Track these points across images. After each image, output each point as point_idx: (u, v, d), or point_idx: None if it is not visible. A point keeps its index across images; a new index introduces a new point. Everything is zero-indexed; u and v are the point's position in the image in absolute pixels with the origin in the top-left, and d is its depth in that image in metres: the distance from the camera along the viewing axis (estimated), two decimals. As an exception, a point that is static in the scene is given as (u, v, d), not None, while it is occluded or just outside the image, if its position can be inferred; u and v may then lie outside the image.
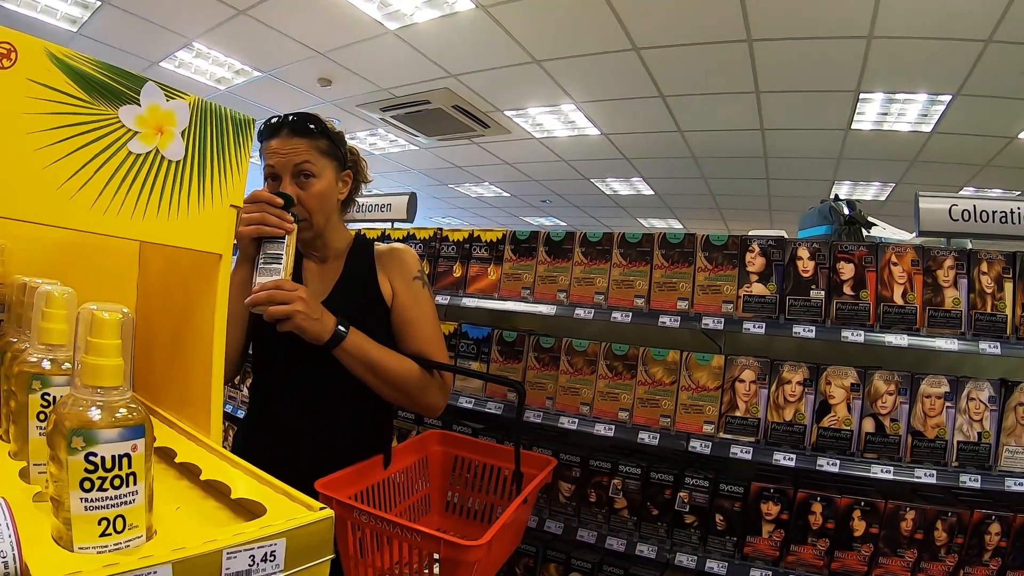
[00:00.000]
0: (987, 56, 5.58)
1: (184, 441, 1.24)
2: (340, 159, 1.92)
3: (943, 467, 2.39)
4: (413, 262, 2.03)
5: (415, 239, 3.38)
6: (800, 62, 6.02)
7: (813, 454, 2.46)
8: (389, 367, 1.81)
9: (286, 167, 1.80)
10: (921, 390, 2.45)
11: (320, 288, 1.95)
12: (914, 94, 6.53)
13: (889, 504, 2.41)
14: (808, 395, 2.52)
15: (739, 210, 12.02)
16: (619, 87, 7.03)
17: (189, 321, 1.37)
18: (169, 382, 1.44)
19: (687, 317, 2.62)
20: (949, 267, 2.49)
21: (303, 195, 1.81)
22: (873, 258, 2.54)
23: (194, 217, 1.18)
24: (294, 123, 1.82)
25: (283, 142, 1.80)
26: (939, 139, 7.52)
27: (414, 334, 1.95)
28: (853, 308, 2.51)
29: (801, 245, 2.60)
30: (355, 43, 6.56)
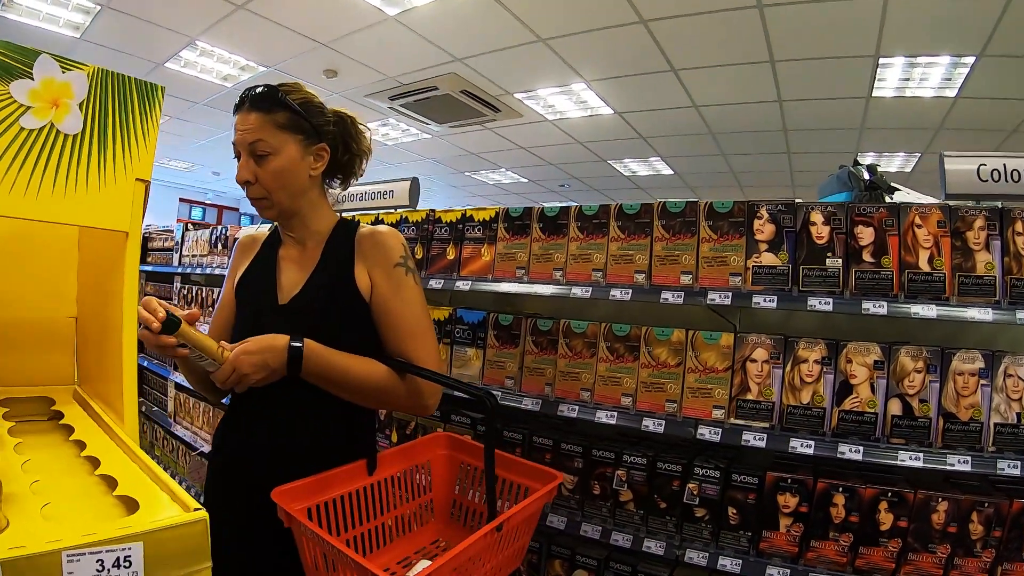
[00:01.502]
0: (1011, 12, 5.30)
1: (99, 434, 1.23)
2: (308, 131, 1.78)
3: (978, 452, 2.15)
4: (395, 246, 1.83)
5: (407, 222, 3.22)
6: (814, 27, 5.79)
7: (834, 440, 2.24)
8: (351, 380, 1.70)
9: (243, 145, 1.73)
10: (953, 367, 2.21)
11: (296, 277, 1.83)
12: (936, 56, 6.28)
13: (919, 494, 2.17)
14: (827, 375, 2.30)
15: (762, 187, 11.83)
16: (628, 63, 6.86)
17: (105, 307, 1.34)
18: (99, 373, 1.46)
19: (692, 292, 2.42)
20: (980, 228, 2.23)
21: (259, 173, 1.73)
22: (895, 221, 2.30)
23: (95, 194, 1.14)
24: (252, 97, 1.74)
25: (242, 118, 1.73)
26: (964, 104, 7.26)
27: (394, 330, 1.78)
28: (874, 277, 2.28)
29: (814, 209, 2.38)
30: (356, 31, 6.47)
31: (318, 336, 1.67)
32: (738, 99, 7.63)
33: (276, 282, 1.85)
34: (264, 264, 1.91)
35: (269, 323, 1.70)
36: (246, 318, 1.84)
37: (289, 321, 1.71)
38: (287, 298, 1.79)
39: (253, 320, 1.77)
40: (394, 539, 1.81)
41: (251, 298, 1.87)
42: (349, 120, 1.92)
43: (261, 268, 1.90)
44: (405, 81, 7.61)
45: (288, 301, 1.78)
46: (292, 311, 1.76)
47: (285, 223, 1.88)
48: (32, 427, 1.35)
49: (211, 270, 4.54)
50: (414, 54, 6.89)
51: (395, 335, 1.77)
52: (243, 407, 1.81)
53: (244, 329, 1.74)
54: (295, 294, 1.78)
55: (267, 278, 1.86)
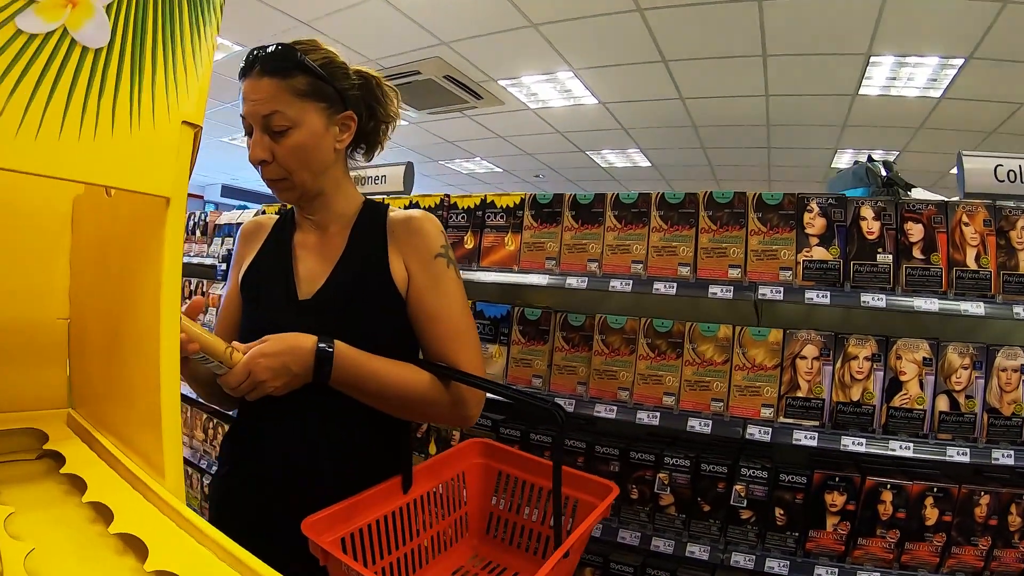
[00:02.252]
0: (1004, 17, 5.37)
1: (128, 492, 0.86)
2: (332, 98, 1.53)
3: (1020, 447, 2.18)
4: (436, 234, 1.61)
5: (418, 207, 3.05)
6: (811, 23, 5.77)
7: (884, 437, 2.22)
8: (388, 389, 1.48)
9: (255, 118, 1.46)
10: (997, 363, 2.23)
11: (318, 268, 1.59)
12: (925, 57, 6.32)
13: (963, 489, 2.19)
14: (877, 372, 2.27)
15: (737, 181, 11.88)
16: (620, 52, 6.76)
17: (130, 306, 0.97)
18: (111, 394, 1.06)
19: (741, 287, 2.34)
20: (1022, 228, 2.26)
21: (276, 150, 1.48)
22: (943, 217, 2.29)
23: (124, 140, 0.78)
24: (264, 58, 1.47)
25: (252, 85, 1.46)
26: (947, 105, 7.34)
27: (435, 331, 1.55)
28: (924, 273, 2.26)
29: (865, 204, 2.34)
30: (340, 11, 6.25)
31: (346, 336, 1.44)
32: (726, 92, 7.59)
33: (294, 274, 1.60)
34: (276, 253, 1.66)
35: (288, 322, 1.44)
36: (258, 317, 1.58)
37: (313, 319, 1.47)
38: (309, 292, 1.55)
39: (268, 319, 1.51)
40: (429, 560, 1.60)
41: (263, 293, 1.61)
42: (374, 81, 1.66)
43: (273, 258, 1.66)
44: (387, 64, 7.40)
45: (312, 296, 1.54)
46: (316, 307, 1.53)
47: (306, 205, 1.62)
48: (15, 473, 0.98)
49: (187, 259, 4.29)
50: (399, 36, 6.70)
51: (435, 335, 1.55)
52: (255, 419, 1.58)
53: (256, 330, 1.43)
54: (319, 287, 1.54)
55: (282, 269, 1.61)
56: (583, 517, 1.53)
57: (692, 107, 8.18)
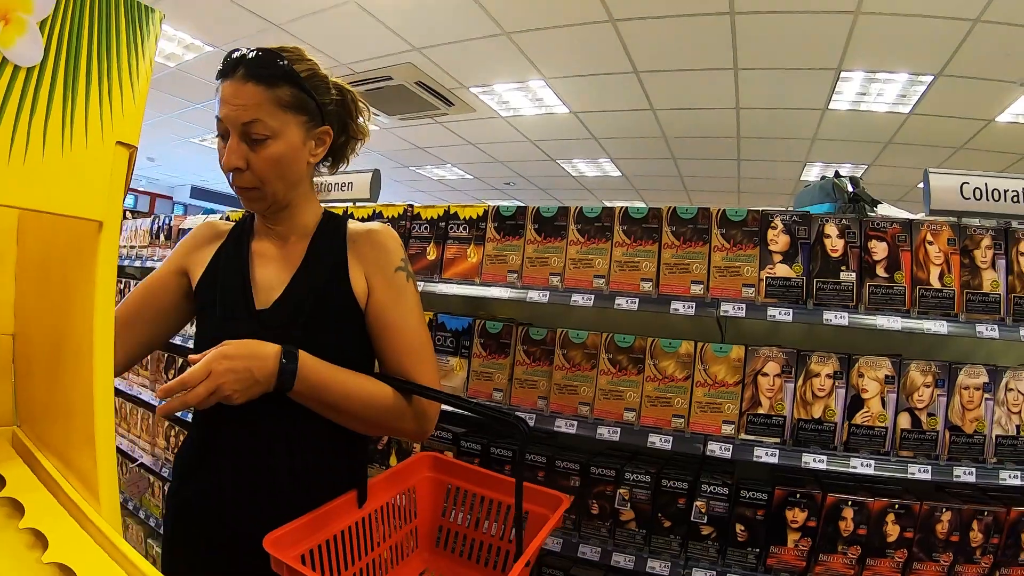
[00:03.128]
0: (974, 36, 5.46)
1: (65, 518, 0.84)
2: (313, 112, 1.51)
3: (982, 464, 2.20)
4: (396, 248, 1.63)
5: (382, 217, 3.03)
6: (783, 37, 5.83)
7: (845, 454, 2.23)
8: (351, 401, 1.46)
9: (233, 124, 1.42)
10: (959, 381, 2.24)
11: (276, 277, 1.56)
12: (895, 73, 6.41)
13: (924, 505, 2.20)
14: (839, 389, 2.26)
15: (707, 192, 12.00)
16: (592, 62, 6.77)
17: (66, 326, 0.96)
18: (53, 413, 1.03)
19: (703, 303, 2.33)
20: (987, 247, 2.29)
21: (252, 159, 1.44)
22: (907, 236, 2.30)
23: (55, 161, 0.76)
24: (250, 62, 1.42)
25: (235, 89, 1.41)
26: (916, 120, 7.45)
27: (394, 345, 1.56)
28: (888, 292, 2.26)
29: (829, 221, 2.33)
30: (314, 13, 6.19)
31: (305, 348, 1.41)
32: (697, 104, 7.64)
33: (250, 282, 1.56)
34: (233, 261, 1.61)
35: (245, 332, 1.40)
36: (213, 326, 1.54)
37: (269, 329, 1.46)
38: (267, 302, 1.52)
39: (224, 328, 1.47)
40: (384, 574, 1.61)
41: (218, 302, 1.56)
42: (350, 96, 1.65)
43: (229, 266, 1.61)
44: (359, 69, 7.36)
45: (270, 306, 1.52)
46: (274, 317, 1.50)
47: (272, 216, 1.60)
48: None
49: (151, 263, 4.20)
50: (372, 41, 6.65)
51: (394, 349, 1.55)
52: (211, 429, 1.53)
53: (213, 339, 1.37)
54: (277, 297, 1.52)
55: (239, 278, 1.57)
56: (535, 529, 1.55)
57: (663, 118, 8.21)
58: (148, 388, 3.95)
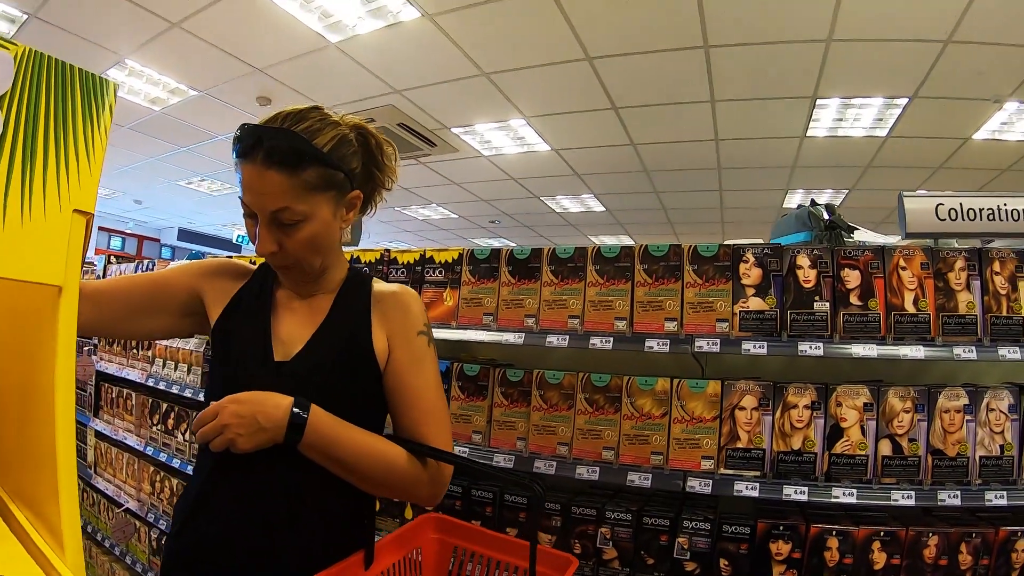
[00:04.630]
0: (945, 57, 5.56)
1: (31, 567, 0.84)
2: (342, 183, 1.46)
3: (967, 486, 2.19)
4: (419, 311, 1.61)
5: (360, 262, 3.04)
6: (758, 69, 5.92)
7: (827, 485, 2.20)
8: (364, 461, 1.41)
9: (261, 211, 1.37)
10: (939, 404, 2.23)
11: (297, 331, 1.54)
12: (870, 98, 6.51)
13: (910, 531, 2.18)
14: (817, 419, 2.25)
15: (691, 223, 12.11)
16: (570, 100, 6.84)
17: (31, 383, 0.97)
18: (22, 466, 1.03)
19: (678, 340, 2.32)
20: (960, 269, 2.29)
21: (286, 242, 1.40)
22: (880, 263, 2.30)
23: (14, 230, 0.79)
24: (271, 148, 1.33)
25: (256, 174, 1.34)
26: (894, 143, 7.55)
27: (411, 408, 1.52)
28: (862, 319, 2.26)
29: (800, 252, 2.34)
30: (295, 58, 6.27)
31: (321, 403, 1.38)
32: (676, 138, 7.72)
33: (270, 333, 1.54)
34: (254, 308, 1.58)
35: (262, 383, 1.38)
36: (229, 375, 1.49)
37: (288, 383, 1.42)
38: (287, 355, 1.49)
39: (240, 378, 1.44)
40: None
41: (235, 351, 1.53)
42: (373, 143, 1.58)
43: (250, 313, 1.58)
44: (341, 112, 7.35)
45: (290, 359, 1.49)
46: (293, 371, 1.47)
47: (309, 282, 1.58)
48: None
49: None
50: (353, 84, 6.73)
51: (409, 412, 1.52)
52: (217, 475, 1.47)
53: (228, 390, 1.35)
54: (298, 351, 1.49)
55: (259, 326, 1.55)
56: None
57: (643, 152, 8.28)
58: (133, 433, 3.93)
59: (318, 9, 5.40)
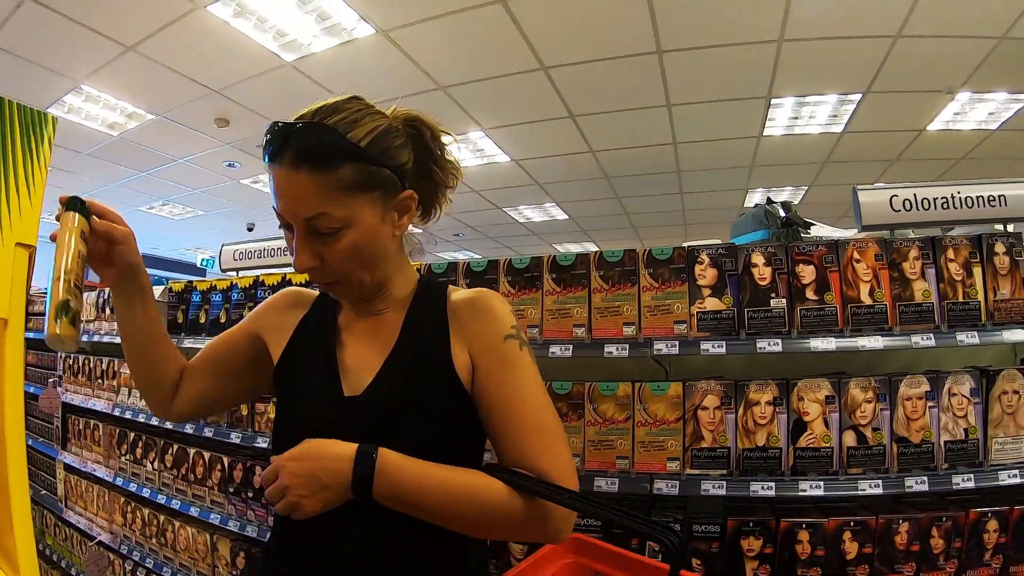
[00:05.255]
0: (896, 51, 5.67)
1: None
2: (388, 180, 1.23)
3: (933, 472, 2.21)
4: (504, 314, 1.33)
5: (318, 283, 2.99)
6: (711, 71, 5.99)
7: (793, 479, 2.22)
8: (455, 505, 1.16)
9: (294, 220, 1.18)
10: (901, 393, 2.26)
11: (366, 358, 1.32)
12: (824, 96, 6.61)
13: (880, 519, 2.19)
14: (780, 415, 2.26)
15: (654, 227, 12.20)
16: (528, 110, 6.87)
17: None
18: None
19: (636, 343, 2.33)
20: (915, 258, 2.32)
21: (326, 254, 1.20)
22: (834, 257, 2.33)
23: None
24: (299, 146, 1.14)
25: (287, 178, 1.15)
26: (850, 138, 7.67)
27: (510, 427, 1.23)
28: (819, 313, 2.28)
29: (755, 251, 2.35)
30: (251, 78, 6.25)
31: (402, 442, 1.17)
32: (634, 143, 7.77)
33: (336, 363, 1.33)
34: (316, 337, 1.39)
35: (331, 423, 1.20)
36: (295, 417, 1.31)
37: (362, 420, 1.22)
38: (358, 388, 1.28)
39: (307, 419, 1.27)
40: None
41: (299, 388, 1.34)
42: (428, 133, 1.33)
43: (312, 342, 1.39)
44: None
45: (360, 392, 1.27)
46: (366, 406, 1.25)
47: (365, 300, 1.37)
48: None
49: (98, 337, 4.08)
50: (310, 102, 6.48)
51: (510, 432, 1.23)
52: (293, 538, 1.27)
53: (293, 432, 1.20)
54: (370, 383, 1.27)
55: (323, 358, 1.35)
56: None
57: (603, 159, 8.34)
58: (102, 464, 3.88)
59: (272, 29, 5.38)
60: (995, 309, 2.29)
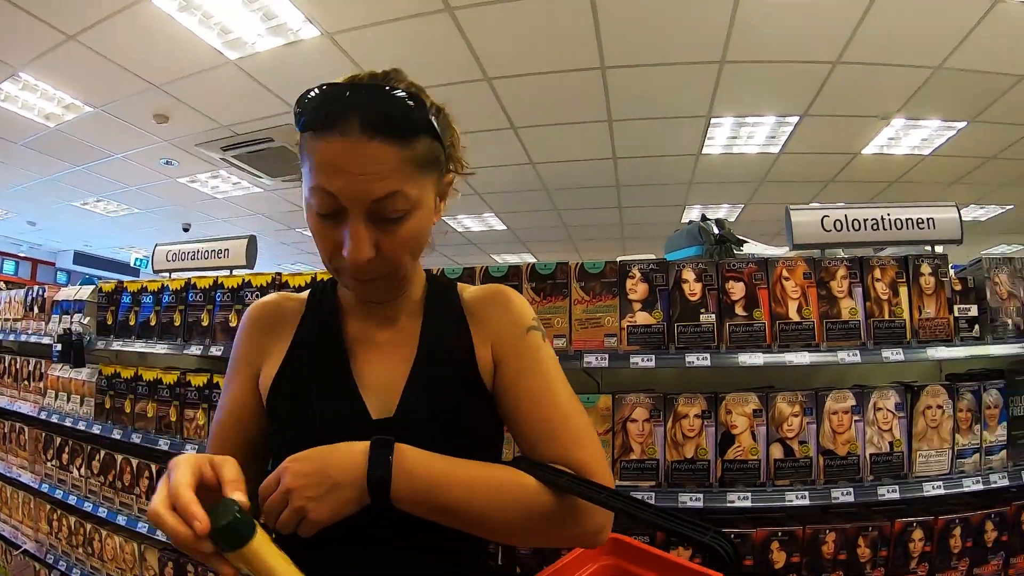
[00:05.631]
0: (834, 76, 5.80)
1: None
2: (442, 164, 1.10)
3: (859, 483, 2.29)
4: (523, 306, 1.24)
5: (251, 286, 2.96)
6: (653, 89, 6.05)
7: (722, 490, 2.27)
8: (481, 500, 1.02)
9: (359, 200, 0.97)
10: (827, 407, 2.32)
11: (390, 372, 1.16)
12: (763, 117, 6.72)
13: (807, 529, 2.25)
14: (708, 428, 2.30)
15: (592, 240, 12.26)
16: (469, 119, 6.77)
17: None
18: None
19: (566, 356, 2.34)
20: (843, 277, 2.40)
21: (384, 243, 1.01)
22: (764, 274, 2.38)
23: None
24: (376, 113, 0.95)
25: (355, 149, 0.94)
26: (787, 159, 7.81)
27: (540, 422, 1.13)
28: (748, 329, 2.33)
29: (686, 267, 2.40)
30: (193, 75, 6.06)
31: None
32: (575, 156, 7.80)
33: (355, 382, 1.14)
34: (324, 354, 1.19)
35: None
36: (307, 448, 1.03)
37: None
38: (387, 407, 1.12)
39: None
40: None
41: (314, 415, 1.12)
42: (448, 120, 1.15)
43: (320, 362, 1.18)
44: (239, 131, 7.23)
45: (393, 413, 1.11)
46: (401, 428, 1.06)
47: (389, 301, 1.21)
48: None
49: (26, 336, 3.96)
50: (251, 102, 6.55)
51: (542, 424, 1.12)
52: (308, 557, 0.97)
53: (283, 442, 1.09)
54: (399, 401, 1.12)
55: (339, 377, 1.15)
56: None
57: (543, 171, 8.36)
58: (27, 469, 3.76)
59: (217, 25, 5.26)
60: (920, 327, 2.37)
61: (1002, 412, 2.44)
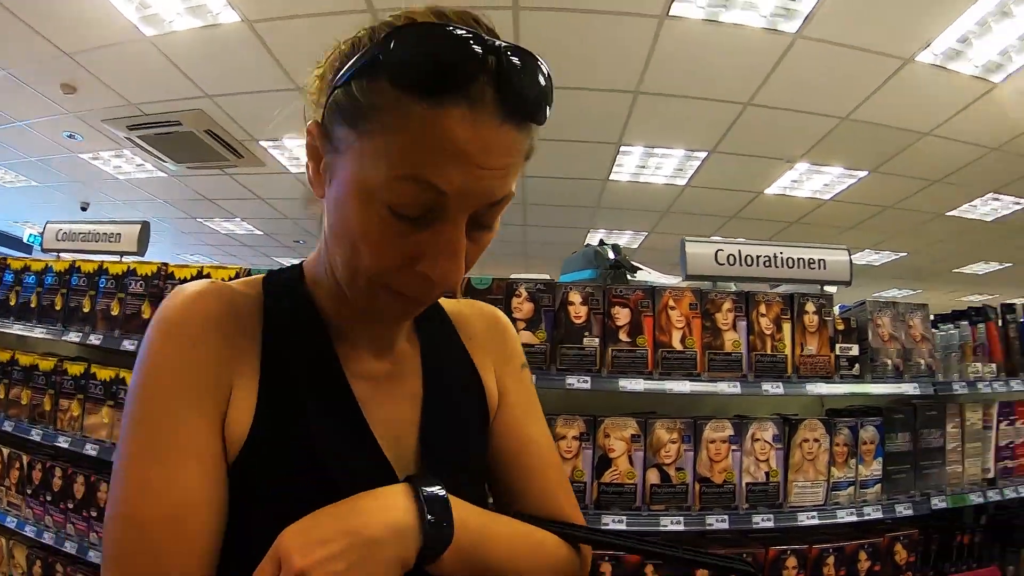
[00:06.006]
0: (744, 117, 6.00)
1: None
2: None
3: (734, 511, 2.34)
4: (515, 336, 1.12)
5: (136, 275, 2.83)
6: (567, 112, 6.09)
7: (597, 512, 2.28)
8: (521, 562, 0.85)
9: (470, 205, 0.70)
10: (705, 435, 2.38)
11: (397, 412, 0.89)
12: (672, 149, 6.88)
13: None
14: (585, 450, 2.33)
15: (494, 256, 12.06)
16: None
17: None
18: None
19: (447, 373, 2.32)
20: (728, 310, 2.47)
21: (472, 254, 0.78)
22: (650, 302, 2.43)
23: None
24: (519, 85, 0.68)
25: (486, 131, 0.67)
26: (692, 192, 8.01)
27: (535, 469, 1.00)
28: (630, 355, 2.37)
29: (573, 290, 2.42)
30: (106, 46, 5.75)
31: None
32: (483, 173, 7.77)
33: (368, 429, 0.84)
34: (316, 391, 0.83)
35: None
36: None
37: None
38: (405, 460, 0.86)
39: None
40: None
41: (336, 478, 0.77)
42: None
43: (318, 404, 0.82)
44: (148, 111, 6.95)
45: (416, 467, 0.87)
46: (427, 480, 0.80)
47: None
48: None
49: None
50: (163, 82, 6.29)
51: (539, 472, 1.00)
52: None
53: None
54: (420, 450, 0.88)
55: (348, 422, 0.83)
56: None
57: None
58: None
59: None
60: (800, 363, 2.46)
61: (878, 448, 2.53)
